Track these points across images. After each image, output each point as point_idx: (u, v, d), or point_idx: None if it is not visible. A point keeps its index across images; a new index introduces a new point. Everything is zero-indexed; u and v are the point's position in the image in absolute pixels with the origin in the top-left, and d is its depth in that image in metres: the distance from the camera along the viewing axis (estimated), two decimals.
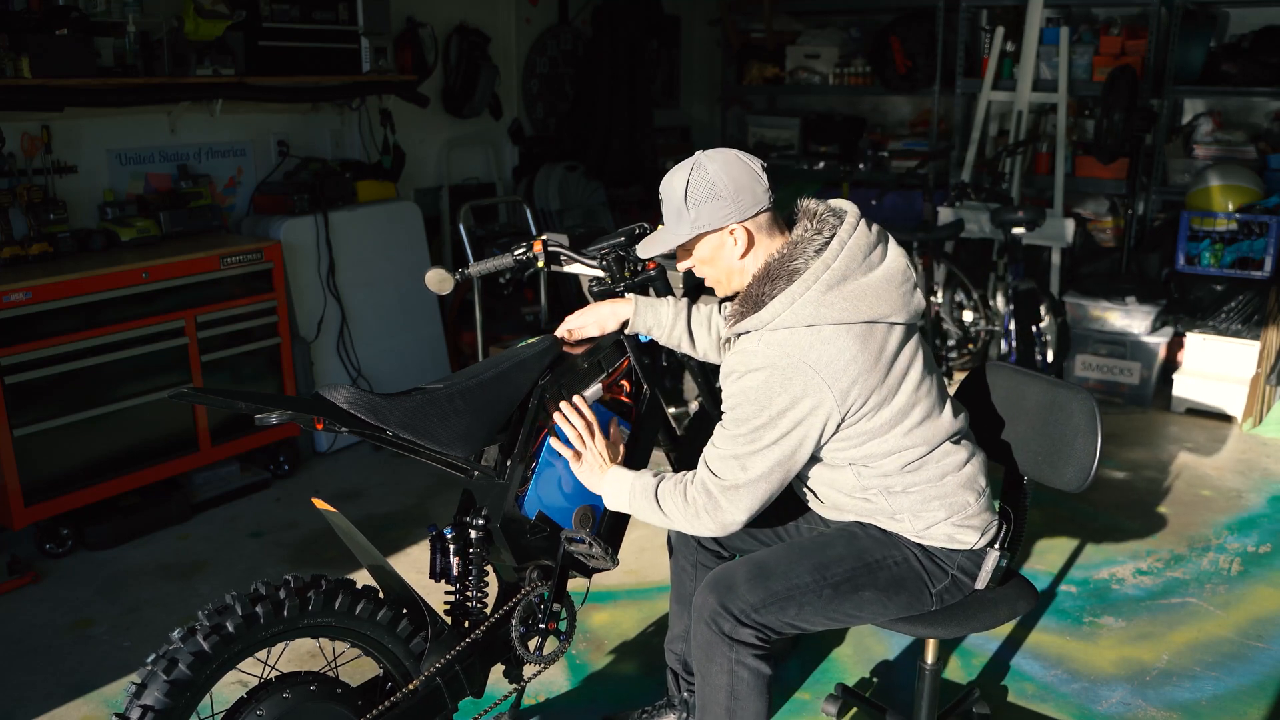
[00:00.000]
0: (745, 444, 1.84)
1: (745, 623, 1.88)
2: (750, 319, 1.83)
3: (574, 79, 6.12)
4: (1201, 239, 4.85)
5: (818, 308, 1.79)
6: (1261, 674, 2.76)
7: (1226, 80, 5.29)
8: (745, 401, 1.82)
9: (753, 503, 1.86)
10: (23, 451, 3.24)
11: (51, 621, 3.02)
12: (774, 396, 1.79)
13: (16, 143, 3.54)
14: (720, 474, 1.87)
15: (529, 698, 2.63)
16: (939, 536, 1.95)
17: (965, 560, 1.98)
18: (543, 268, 2.37)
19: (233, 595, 1.80)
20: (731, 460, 1.86)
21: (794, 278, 1.81)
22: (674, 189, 1.86)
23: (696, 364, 2.47)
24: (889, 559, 1.95)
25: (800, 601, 1.89)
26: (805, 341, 1.78)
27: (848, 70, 6.57)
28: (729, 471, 1.86)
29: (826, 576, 1.91)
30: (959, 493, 1.94)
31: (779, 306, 1.80)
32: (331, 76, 4.34)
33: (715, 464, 1.88)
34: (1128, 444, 4.41)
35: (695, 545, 2.27)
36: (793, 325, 1.79)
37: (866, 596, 1.93)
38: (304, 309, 4.21)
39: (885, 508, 1.95)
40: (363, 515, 3.72)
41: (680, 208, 1.85)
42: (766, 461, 1.83)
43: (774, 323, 1.81)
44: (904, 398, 1.86)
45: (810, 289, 1.79)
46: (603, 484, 2.05)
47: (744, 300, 1.87)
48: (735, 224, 1.84)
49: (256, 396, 1.81)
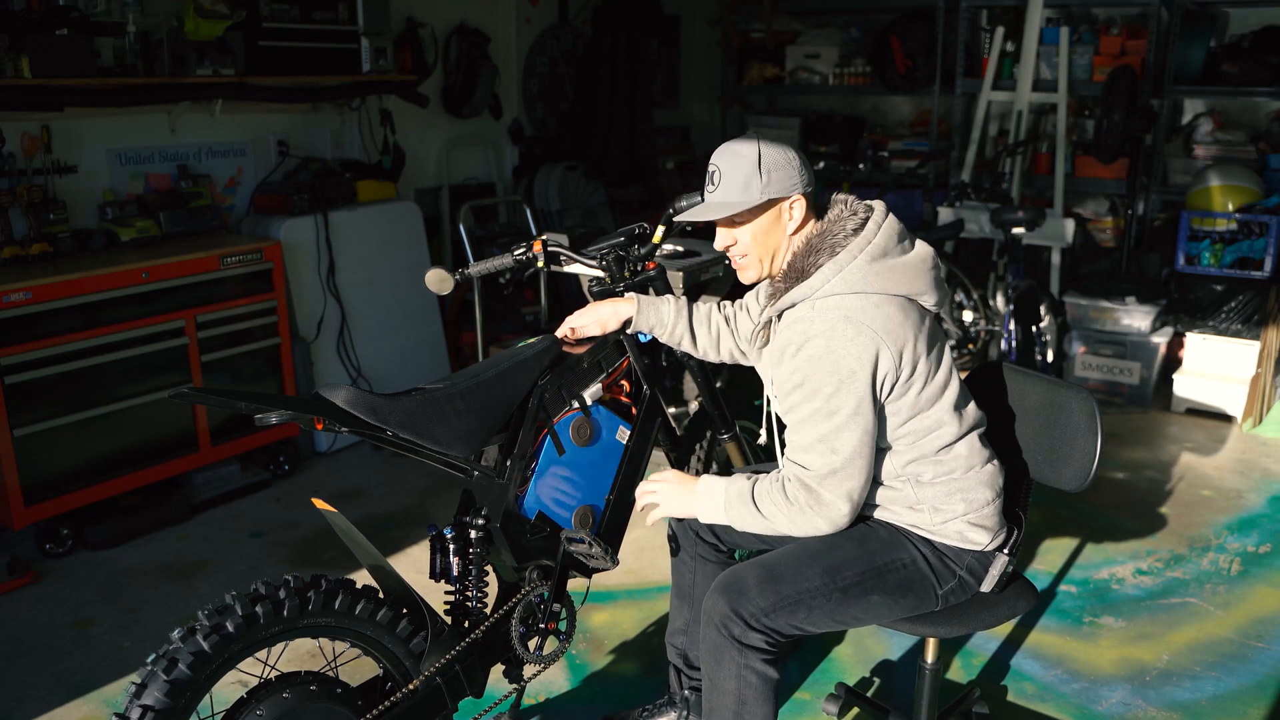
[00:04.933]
0: (824, 421, 1.81)
1: (755, 627, 1.87)
2: (797, 289, 1.86)
3: (574, 79, 6.12)
4: (1201, 239, 4.85)
5: (865, 275, 1.84)
6: (1261, 674, 2.76)
7: (1226, 80, 5.29)
8: (813, 372, 1.80)
9: (853, 486, 1.83)
10: (23, 451, 3.24)
11: (51, 621, 3.02)
12: (841, 358, 1.79)
13: (16, 143, 3.54)
14: (809, 464, 1.83)
15: (529, 698, 2.63)
16: (952, 534, 1.95)
17: (974, 561, 1.98)
18: (543, 268, 2.37)
19: (233, 595, 1.80)
20: (817, 445, 1.82)
21: (836, 250, 1.85)
22: (744, 155, 1.87)
23: (696, 364, 2.47)
24: (898, 561, 1.94)
25: (810, 605, 1.89)
26: (858, 305, 1.82)
27: (848, 70, 6.57)
28: (818, 459, 1.82)
29: (836, 580, 1.90)
30: (979, 489, 1.95)
31: (827, 273, 1.84)
32: (331, 76, 4.34)
33: (801, 456, 1.84)
34: (1128, 444, 4.41)
35: (694, 538, 2.26)
36: (842, 292, 1.83)
37: (874, 600, 1.92)
38: (304, 309, 4.21)
39: (909, 497, 1.94)
40: (363, 515, 3.72)
41: (752, 173, 1.86)
42: (853, 437, 1.81)
43: (823, 289, 1.84)
44: (942, 375, 1.90)
45: (856, 259, 1.84)
46: (696, 499, 1.99)
47: (785, 276, 1.90)
48: (798, 194, 1.89)
49: (256, 396, 1.81)
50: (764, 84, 6.89)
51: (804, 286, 1.85)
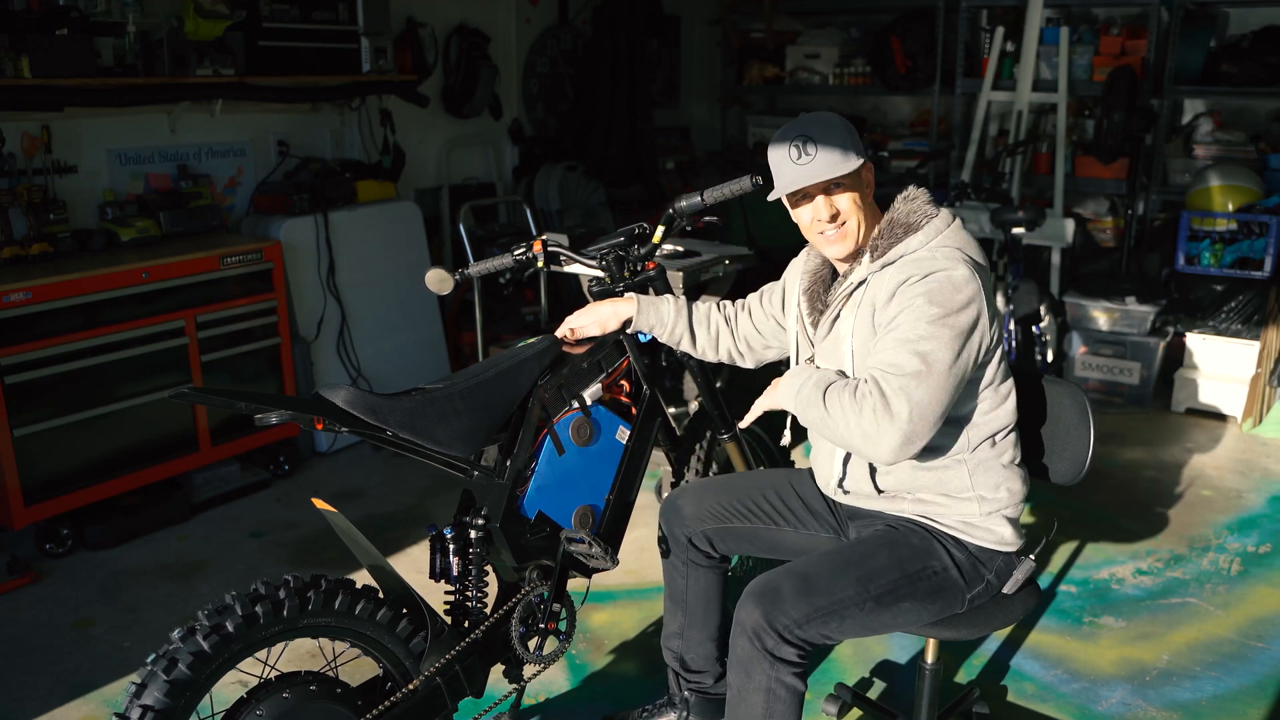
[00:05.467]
0: (924, 336, 1.79)
1: (789, 640, 1.83)
2: (912, 238, 1.89)
3: (574, 79, 6.12)
4: (1201, 239, 4.84)
5: (962, 238, 1.92)
6: (1261, 674, 2.76)
7: (1226, 80, 5.29)
8: (926, 295, 1.81)
9: (927, 408, 1.76)
10: (23, 451, 3.24)
11: (51, 621, 3.02)
12: (960, 287, 1.82)
13: (16, 143, 3.54)
14: (892, 369, 1.79)
15: (529, 698, 2.63)
16: (988, 532, 1.96)
17: (1002, 565, 1.98)
18: (543, 268, 2.37)
19: (233, 595, 1.80)
20: (907, 350, 1.79)
21: (929, 216, 1.92)
22: (833, 124, 1.92)
23: (696, 364, 2.47)
24: (929, 569, 1.93)
25: (843, 615, 1.86)
26: (968, 260, 1.87)
27: (848, 70, 6.57)
28: (907, 360, 1.78)
29: (870, 589, 1.87)
30: (1016, 481, 1.99)
31: (939, 225, 1.91)
32: (331, 76, 4.34)
33: (890, 355, 1.80)
34: (1128, 444, 4.40)
35: (685, 543, 2.25)
36: (950, 246, 1.88)
37: (905, 606, 1.90)
38: (304, 309, 4.21)
39: (962, 482, 1.95)
40: (363, 515, 3.72)
41: (847, 138, 1.91)
42: (947, 357, 1.78)
43: (933, 242, 1.89)
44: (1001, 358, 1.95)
45: (950, 225, 1.92)
46: (782, 381, 2.00)
47: (887, 234, 1.92)
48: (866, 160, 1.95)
49: (256, 396, 1.81)
50: (764, 84, 6.89)
51: (919, 236, 1.89)
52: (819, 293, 2.08)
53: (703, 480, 2.38)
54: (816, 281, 2.10)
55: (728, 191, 2.20)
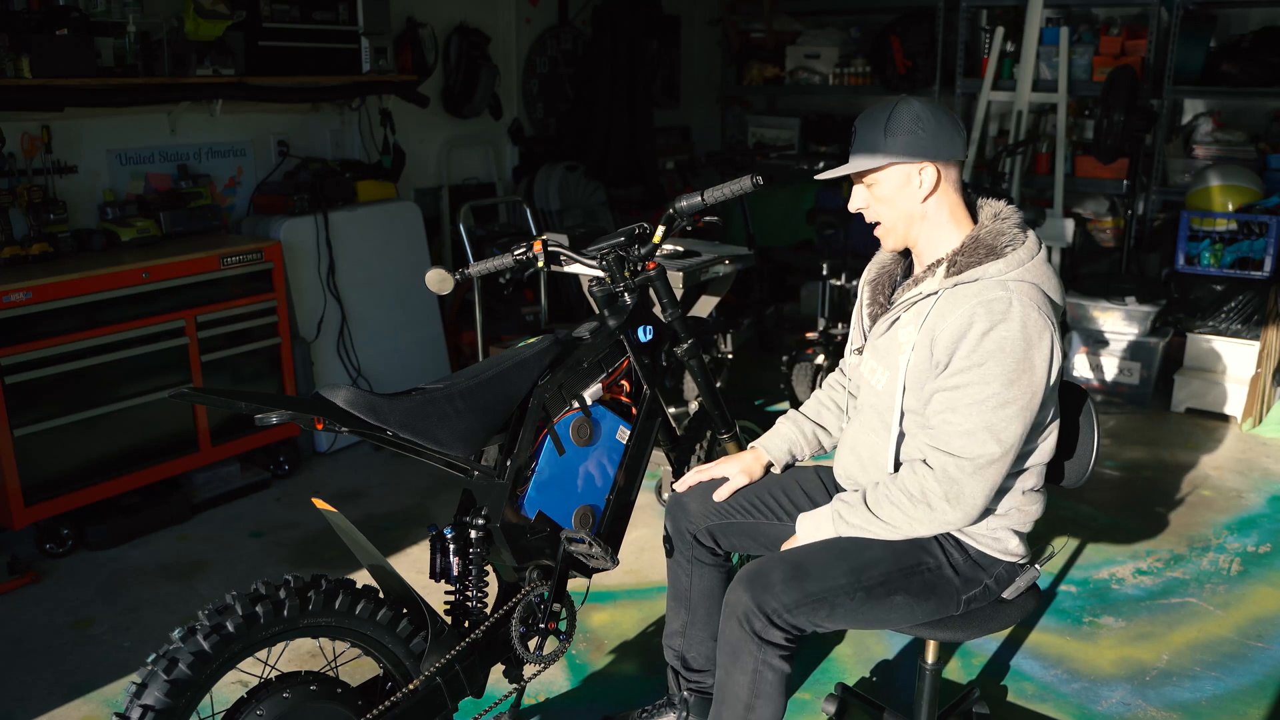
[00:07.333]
0: (998, 409, 1.77)
1: (777, 624, 1.84)
2: (992, 264, 1.81)
3: (574, 79, 6.12)
4: (1201, 239, 4.84)
5: (1045, 272, 1.83)
6: (1261, 674, 2.76)
7: (1226, 80, 5.29)
8: (1000, 354, 1.76)
9: (997, 479, 1.81)
10: (23, 451, 3.24)
11: (51, 621, 3.02)
12: (1031, 347, 1.76)
13: (16, 143, 3.54)
14: (966, 452, 1.78)
15: (529, 698, 2.63)
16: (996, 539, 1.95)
17: (1003, 571, 1.97)
18: (543, 268, 2.37)
19: (233, 595, 1.80)
20: (983, 433, 1.77)
21: (1016, 243, 1.83)
22: (874, 119, 1.87)
23: (696, 364, 2.47)
24: (924, 565, 1.92)
25: (833, 603, 1.86)
26: (1042, 300, 1.80)
27: (848, 70, 6.57)
28: (979, 447, 1.78)
29: (862, 579, 1.87)
30: (1032, 504, 1.97)
31: (1022, 256, 1.82)
32: (331, 76, 4.33)
33: (957, 443, 1.79)
34: (1128, 444, 4.41)
35: (690, 540, 2.25)
36: (1029, 280, 1.80)
37: (898, 601, 1.90)
38: (304, 309, 4.21)
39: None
40: (363, 515, 3.72)
41: (878, 137, 1.86)
42: (1017, 430, 1.78)
43: (1012, 274, 1.80)
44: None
45: (1034, 257, 1.83)
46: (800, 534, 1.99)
47: (971, 251, 1.84)
48: (928, 162, 1.85)
49: (256, 396, 1.81)
50: (764, 84, 6.89)
51: (1000, 264, 1.80)
52: (883, 287, 2.06)
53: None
54: (883, 275, 2.08)
55: (728, 191, 2.20)
